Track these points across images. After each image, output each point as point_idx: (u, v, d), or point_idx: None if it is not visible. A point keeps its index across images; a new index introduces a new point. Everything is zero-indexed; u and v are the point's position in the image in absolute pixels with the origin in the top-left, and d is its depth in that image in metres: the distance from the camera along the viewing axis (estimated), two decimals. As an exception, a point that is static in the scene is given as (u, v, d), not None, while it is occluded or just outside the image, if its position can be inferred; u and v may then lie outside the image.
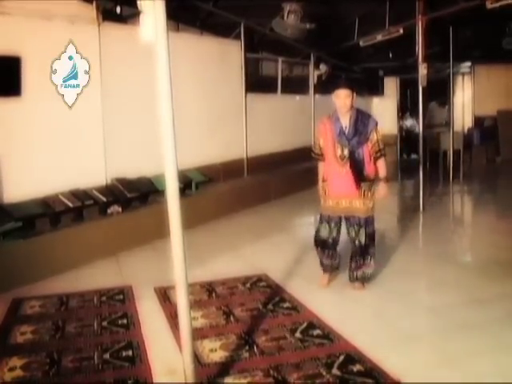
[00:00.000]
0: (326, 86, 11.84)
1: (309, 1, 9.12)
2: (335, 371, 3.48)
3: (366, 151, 4.82)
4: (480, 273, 5.49)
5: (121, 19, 7.39)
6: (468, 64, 15.01)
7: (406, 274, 5.53)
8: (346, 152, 4.80)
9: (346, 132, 4.82)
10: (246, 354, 3.82)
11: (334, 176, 4.90)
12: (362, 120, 4.83)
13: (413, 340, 3.99)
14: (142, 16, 3.07)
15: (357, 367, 3.53)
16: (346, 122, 4.84)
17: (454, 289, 5.06)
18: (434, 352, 3.80)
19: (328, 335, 4.05)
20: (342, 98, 4.77)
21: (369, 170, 4.87)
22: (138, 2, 3.07)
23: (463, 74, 15.44)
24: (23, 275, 5.43)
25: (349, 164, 4.79)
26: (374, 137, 4.84)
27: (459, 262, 6.15)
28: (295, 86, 12.55)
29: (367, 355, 3.67)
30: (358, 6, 10.08)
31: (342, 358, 3.67)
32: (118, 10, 6.91)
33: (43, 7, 6.16)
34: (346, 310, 4.65)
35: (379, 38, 10.14)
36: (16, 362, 3.85)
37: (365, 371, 3.48)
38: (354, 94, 4.81)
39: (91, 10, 6.91)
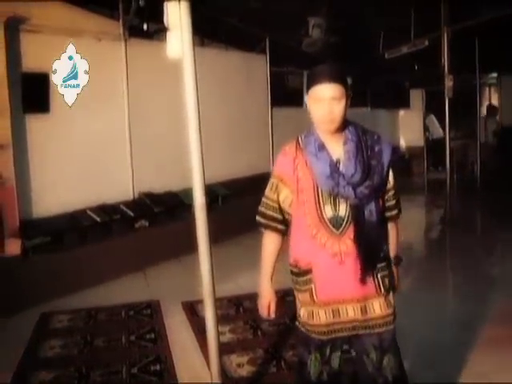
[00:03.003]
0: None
1: (332, 14, 9.15)
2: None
3: (382, 205, 2.53)
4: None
5: (147, 35, 7.48)
6: (494, 75, 14.88)
7: (432, 286, 5.47)
8: (343, 211, 2.42)
9: (345, 170, 2.41)
10: (274, 369, 3.81)
11: (324, 262, 2.45)
12: (370, 145, 2.48)
13: (438, 351, 3.94)
14: (168, 33, 3.10)
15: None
16: (338, 149, 2.45)
17: (480, 303, 4.98)
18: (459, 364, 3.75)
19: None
20: (327, 101, 2.36)
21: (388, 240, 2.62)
22: (165, 19, 3.09)
23: (490, 85, 15.31)
24: (52, 290, 5.48)
25: (353, 235, 2.42)
26: (390, 177, 2.56)
27: (485, 276, 6.06)
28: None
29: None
30: (382, 18, 10.08)
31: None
32: (145, 26, 6.99)
33: (71, 25, 6.26)
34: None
35: (404, 50, 10.10)
36: (45, 375, 3.88)
37: None
38: (349, 94, 2.42)
39: (118, 27, 7.04)
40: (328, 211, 2.42)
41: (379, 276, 2.48)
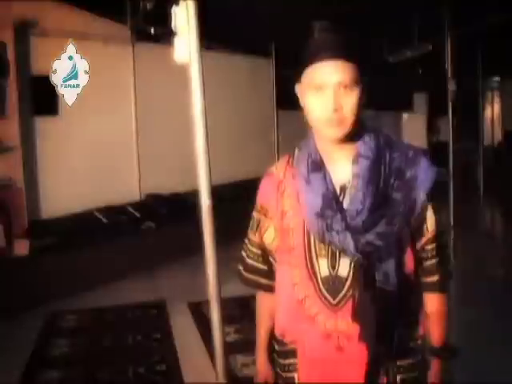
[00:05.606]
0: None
1: (338, 18, 9.16)
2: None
3: (409, 263, 1.56)
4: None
5: (154, 39, 7.52)
6: (497, 78, 14.86)
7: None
8: (345, 269, 1.52)
9: (347, 203, 1.50)
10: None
11: (314, 345, 1.59)
12: (396, 167, 1.51)
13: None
14: (175, 36, 3.13)
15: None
16: (346, 171, 1.53)
17: (485, 305, 5.00)
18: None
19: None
20: (332, 88, 1.43)
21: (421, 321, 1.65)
22: (172, 23, 3.13)
23: (492, 89, 15.29)
24: (59, 290, 5.52)
25: (352, 310, 1.51)
26: (429, 220, 1.57)
27: (491, 279, 6.07)
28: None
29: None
30: (386, 21, 10.09)
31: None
32: (152, 30, 7.04)
33: (79, 29, 6.31)
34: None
35: (408, 54, 10.11)
36: (52, 375, 3.92)
37: None
38: (364, 81, 1.48)
39: (125, 31, 7.10)
40: (323, 267, 1.54)
41: (398, 378, 1.58)
